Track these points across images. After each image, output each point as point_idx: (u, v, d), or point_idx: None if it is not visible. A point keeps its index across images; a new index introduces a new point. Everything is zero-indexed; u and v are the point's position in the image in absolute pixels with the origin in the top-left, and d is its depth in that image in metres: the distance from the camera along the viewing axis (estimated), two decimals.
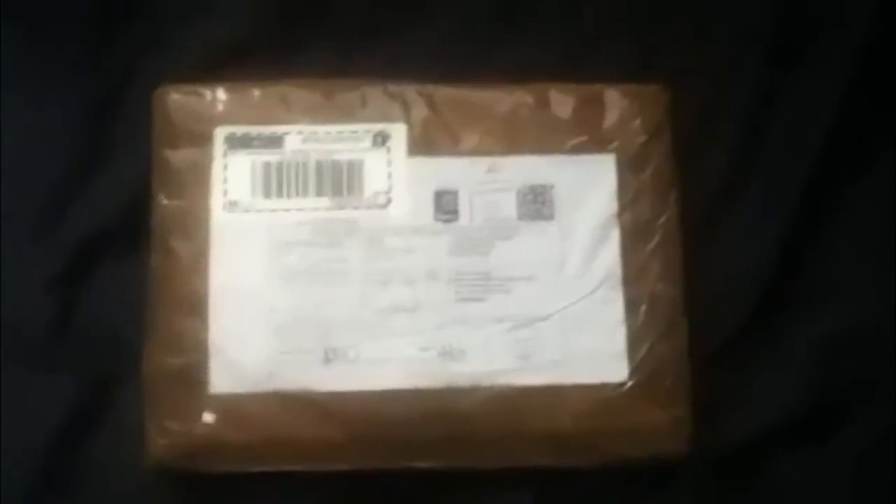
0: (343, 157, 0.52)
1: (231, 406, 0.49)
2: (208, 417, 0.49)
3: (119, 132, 0.55)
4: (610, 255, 0.51)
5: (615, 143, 0.52)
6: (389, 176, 0.52)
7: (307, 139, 0.52)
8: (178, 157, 0.51)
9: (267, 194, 0.51)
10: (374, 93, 0.52)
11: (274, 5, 0.56)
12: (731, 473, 0.53)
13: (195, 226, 0.51)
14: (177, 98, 0.52)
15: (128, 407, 0.52)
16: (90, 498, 0.52)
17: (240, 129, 0.51)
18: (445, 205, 0.51)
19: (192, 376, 0.49)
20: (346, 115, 0.52)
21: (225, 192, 0.51)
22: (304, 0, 0.56)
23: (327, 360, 0.50)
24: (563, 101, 0.53)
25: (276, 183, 0.51)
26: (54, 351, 0.53)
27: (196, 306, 0.50)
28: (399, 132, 0.52)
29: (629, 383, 0.50)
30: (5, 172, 0.54)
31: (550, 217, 0.52)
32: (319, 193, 0.51)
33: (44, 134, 0.55)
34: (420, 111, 0.52)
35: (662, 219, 0.52)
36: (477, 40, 0.56)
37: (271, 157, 0.51)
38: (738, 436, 0.53)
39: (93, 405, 0.53)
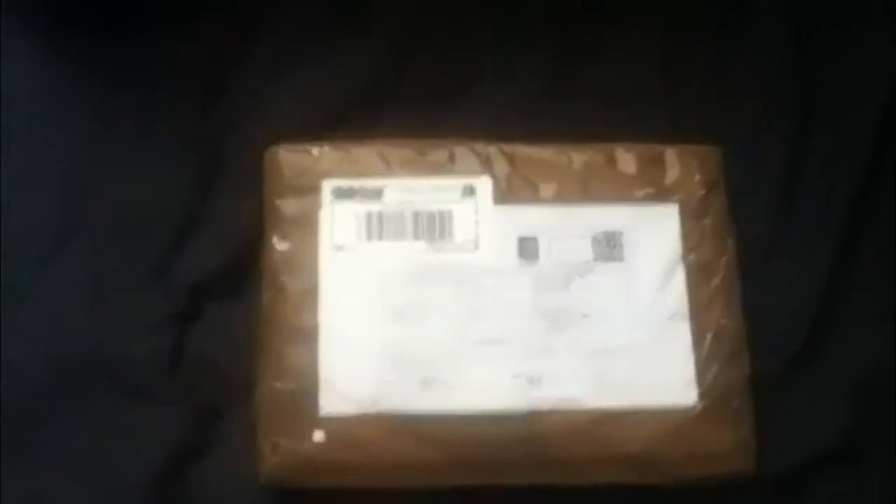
0: (436, 206, 0.58)
1: (339, 427, 0.54)
2: (319, 437, 0.54)
3: (225, 185, 0.61)
4: (677, 291, 0.57)
5: (678, 196, 0.58)
6: (477, 223, 0.58)
7: (404, 191, 0.58)
8: (288, 206, 0.57)
9: (370, 238, 0.57)
10: (461, 150, 0.59)
11: (359, 77, 0.63)
12: (781, 497, 0.57)
13: (305, 266, 0.56)
14: (287, 155, 0.58)
15: (234, 436, 0.57)
16: None
17: (344, 183, 0.58)
18: (528, 248, 0.57)
19: (304, 399, 0.54)
20: (437, 170, 0.58)
21: (332, 237, 0.57)
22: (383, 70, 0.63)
23: (424, 386, 0.55)
24: (628, 159, 0.59)
25: (377, 229, 0.57)
26: (166, 385, 0.58)
27: (306, 337, 0.55)
28: (485, 184, 0.58)
29: (699, 407, 0.55)
30: (127, 225, 0.60)
31: (621, 259, 0.57)
32: (416, 238, 0.57)
33: (159, 188, 0.61)
34: (502, 167, 0.58)
35: (723, 260, 0.58)
36: (528, 107, 0.63)
37: (373, 206, 0.57)
38: (787, 461, 0.57)
39: (202, 435, 0.57)
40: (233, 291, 0.59)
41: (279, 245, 0.57)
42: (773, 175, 0.62)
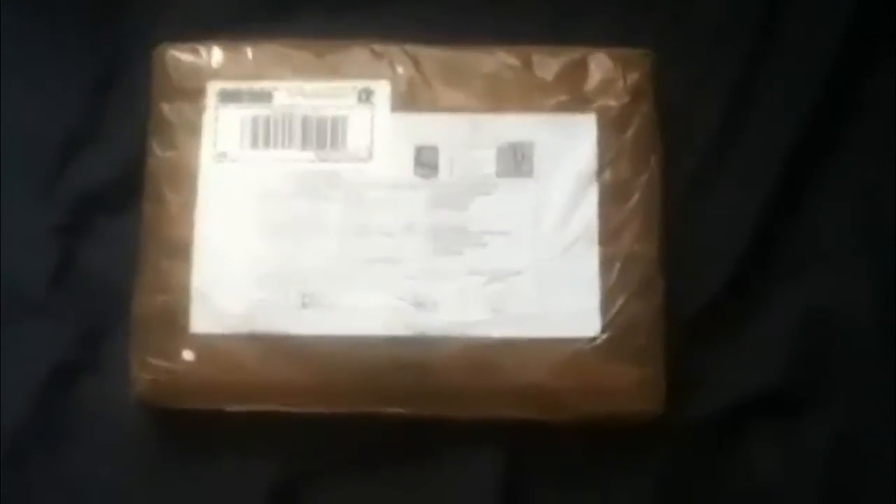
0: (328, 112, 0.53)
1: (210, 346, 0.51)
2: (188, 355, 0.51)
3: (118, 94, 0.58)
4: (587, 212, 0.52)
5: (597, 104, 0.53)
6: (372, 131, 0.53)
7: (294, 94, 0.53)
8: (172, 110, 0.54)
9: (254, 146, 0.53)
10: (362, 52, 0.54)
11: None
12: (705, 442, 0.53)
13: (186, 176, 0.53)
14: (174, 55, 0.54)
15: (119, 351, 0.54)
16: (81, 437, 0.54)
17: (231, 85, 0.54)
18: (425, 160, 0.53)
19: (175, 316, 0.51)
20: (334, 73, 0.54)
21: (214, 144, 0.53)
22: None
23: (304, 305, 0.51)
24: (546, 63, 0.53)
25: (262, 135, 0.53)
26: (52, 298, 0.55)
27: (182, 251, 0.52)
28: (383, 89, 0.53)
29: (601, 339, 0.51)
30: (8, 130, 0.57)
31: (529, 174, 0.52)
32: (304, 147, 0.53)
33: (47, 95, 0.58)
34: (405, 70, 0.53)
35: (642, 179, 0.52)
36: (464, 8, 0.57)
37: (260, 110, 0.53)
38: (712, 404, 0.53)
39: (86, 350, 0.55)
40: (124, 204, 0.56)
41: (161, 152, 0.54)
42: (719, 94, 0.56)
